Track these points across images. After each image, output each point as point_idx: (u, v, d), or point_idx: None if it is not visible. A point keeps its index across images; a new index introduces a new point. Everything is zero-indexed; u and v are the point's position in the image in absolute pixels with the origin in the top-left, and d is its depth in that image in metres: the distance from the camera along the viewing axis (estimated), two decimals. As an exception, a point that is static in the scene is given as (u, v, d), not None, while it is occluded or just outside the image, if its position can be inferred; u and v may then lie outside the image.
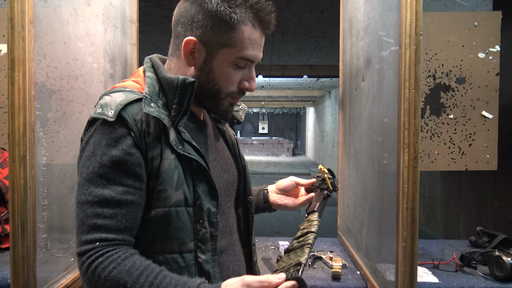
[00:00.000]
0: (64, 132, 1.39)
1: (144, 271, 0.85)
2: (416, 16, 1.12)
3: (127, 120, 0.88)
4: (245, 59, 0.94)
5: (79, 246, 0.86)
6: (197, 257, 0.94)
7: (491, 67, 2.00)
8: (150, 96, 0.91)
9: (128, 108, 0.89)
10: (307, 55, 6.53)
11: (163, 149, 0.90)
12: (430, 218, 4.84)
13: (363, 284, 1.53)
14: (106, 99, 0.90)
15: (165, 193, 0.90)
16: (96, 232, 0.85)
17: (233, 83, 0.96)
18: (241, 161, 1.14)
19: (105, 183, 0.86)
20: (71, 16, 1.40)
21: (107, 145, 0.86)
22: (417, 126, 1.14)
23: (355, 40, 1.80)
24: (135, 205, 0.88)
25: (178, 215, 0.91)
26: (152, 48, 6.05)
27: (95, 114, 0.89)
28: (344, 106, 2.07)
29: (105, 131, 0.87)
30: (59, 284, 1.36)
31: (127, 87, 0.96)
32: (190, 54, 0.94)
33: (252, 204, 1.16)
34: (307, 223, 1.13)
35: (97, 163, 0.86)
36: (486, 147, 2.00)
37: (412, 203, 1.15)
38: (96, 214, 0.85)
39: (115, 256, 0.85)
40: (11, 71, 1.11)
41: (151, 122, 0.90)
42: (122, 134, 0.87)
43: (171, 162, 0.91)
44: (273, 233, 5.28)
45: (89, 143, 0.88)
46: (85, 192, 0.86)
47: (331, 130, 12.17)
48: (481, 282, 1.52)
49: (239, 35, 0.91)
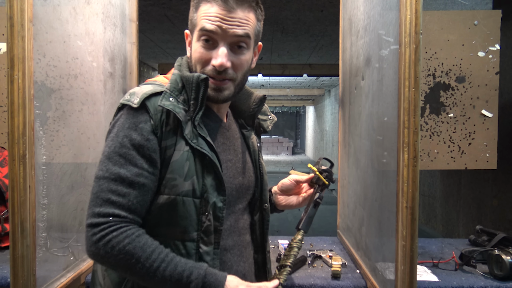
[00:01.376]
0: (64, 131, 1.39)
1: (155, 249, 0.91)
2: (416, 15, 1.12)
3: (149, 109, 0.95)
4: (202, 30, 0.98)
5: (91, 218, 0.91)
6: (199, 247, 0.99)
7: (490, 66, 2.00)
8: (170, 91, 0.98)
9: (152, 99, 0.97)
10: (306, 54, 6.53)
11: (177, 140, 0.97)
12: (430, 217, 4.84)
13: (362, 283, 1.53)
14: (136, 89, 0.99)
15: (174, 182, 0.96)
16: (109, 207, 0.91)
17: (203, 59, 0.99)
18: (260, 168, 1.18)
19: (122, 162, 0.93)
20: (70, 15, 1.40)
21: (129, 128, 0.94)
22: (417, 125, 1.14)
23: (355, 39, 1.80)
24: (146, 189, 0.94)
25: (184, 204, 0.96)
26: (151, 47, 6.05)
27: (123, 101, 0.98)
28: (344, 105, 2.07)
29: (129, 116, 0.96)
30: (58, 283, 1.36)
31: (157, 81, 1.05)
32: (189, 45, 1.06)
33: (268, 212, 1.19)
34: (289, 249, 1.14)
35: (118, 143, 0.94)
36: (486, 146, 2.00)
37: (411, 202, 1.15)
38: (111, 190, 0.91)
39: (129, 232, 0.91)
40: (10, 70, 1.11)
41: (171, 114, 0.97)
42: (143, 120, 0.95)
43: (183, 153, 0.96)
44: (273, 232, 5.28)
45: (115, 126, 0.97)
46: (103, 169, 0.93)
47: (330, 129, 12.17)
48: (480, 281, 1.52)
49: (199, 13, 0.99)
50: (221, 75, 0.99)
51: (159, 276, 0.90)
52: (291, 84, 11.13)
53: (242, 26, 0.97)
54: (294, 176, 1.32)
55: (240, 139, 1.14)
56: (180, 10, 4.19)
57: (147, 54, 6.75)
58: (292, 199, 1.32)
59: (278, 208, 1.33)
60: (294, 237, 1.17)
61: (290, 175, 1.34)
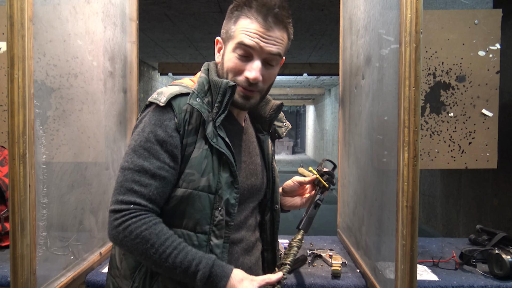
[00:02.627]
0: (64, 130, 1.38)
1: (170, 237, 0.99)
2: (416, 14, 1.12)
3: (174, 108, 1.02)
4: (241, 45, 1.03)
5: (115, 204, 0.99)
6: (210, 240, 1.05)
7: (491, 65, 1.99)
8: (197, 92, 1.05)
9: (177, 99, 1.04)
10: (307, 53, 6.52)
11: (198, 139, 1.04)
12: (430, 216, 4.84)
13: (362, 282, 1.53)
14: (163, 89, 1.06)
15: (192, 177, 1.03)
16: (131, 196, 0.98)
17: (236, 69, 1.06)
18: (272, 171, 1.25)
19: (147, 155, 1.00)
20: (70, 14, 1.40)
21: (155, 124, 1.01)
22: (417, 124, 1.14)
23: (355, 38, 1.80)
24: (167, 181, 1.02)
25: (200, 199, 1.03)
26: (151, 46, 6.04)
27: (151, 99, 1.05)
28: (344, 104, 2.07)
29: (155, 113, 1.03)
30: (59, 282, 1.36)
31: (183, 83, 1.12)
32: (218, 51, 1.12)
33: (278, 212, 1.26)
34: (289, 248, 1.17)
35: (144, 138, 1.01)
36: (486, 145, 2.00)
37: (412, 201, 1.15)
38: (135, 180, 0.99)
39: (147, 219, 0.98)
40: (10, 69, 1.11)
41: (194, 114, 1.04)
42: (168, 118, 1.02)
43: (203, 151, 1.03)
44: (273, 231, 5.27)
45: (142, 121, 1.04)
46: (128, 160, 1.01)
47: (331, 128, 12.17)
48: (480, 280, 1.52)
49: (238, 27, 1.05)
50: (252, 86, 1.06)
51: (170, 262, 0.97)
52: (291, 83, 11.13)
53: (277, 45, 1.05)
54: (297, 178, 1.36)
55: (255, 143, 1.22)
56: (180, 9, 4.19)
57: (147, 53, 6.75)
58: (296, 200, 1.36)
59: (284, 208, 1.38)
60: (295, 236, 1.20)
61: (294, 177, 1.36)
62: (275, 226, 1.27)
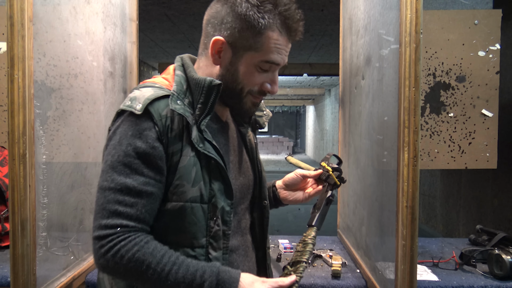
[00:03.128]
0: (64, 130, 1.39)
1: (165, 253, 0.90)
2: (416, 14, 1.12)
3: (153, 115, 0.92)
4: (269, 63, 0.97)
5: (98, 230, 0.88)
6: (208, 253, 0.98)
7: (491, 65, 1.99)
8: (177, 94, 0.95)
9: (155, 104, 0.93)
10: (307, 53, 6.52)
11: (183, 145, 0.94)
12: (430, 217, 4.84)
13: (362, 282, 1.53)
14: (136, 93, 0.95)
15: (182, 188, 0.94)
16: (117, 218, 0.88)
17: (255, 84, 0.99)
18: (258, 165, 1.16)
19: (128, 172, 0.90)
20: (70, 14, 1.40)
21: (133, 136, 0.91)
22: (417, 124, 1.14)
23: (355, 38, 1.80)
24: (154, 197, 0.93)
25: (192, 211, 0.95)
26: (151, 46, 6.04)
27: (124, 106, 0.93)
28: (344, 105, 2.07)
29: (131, 123, 0.92)
30: (59, 282, 1.36)
31: (157, 83, 1.00)
32: (217, 53, 0.98)
33: (267, 208, 1.17)
34: (303, 245, 1.10)
35: (122, 152, 0.90)
36: (486, 145, 2.00)
37: (412, 202, 1.15)
38: (118, 201, 0.89)
39: (137, 239, 0.89)
40: (10, 69, 1.11)
41: (175, 119, 0.94)
42: (147, 127, 0.91)
43: (190, 158, 0.95)
44: (273, 231, 5.28)
45: (116, 133, 0.93)
46: (108, 179, 0.90)
47: (331, 128, 12.17)
48: (480, 280, 1.52)
49: (265, 40, 0.95)
50: (263, 95, 1.02)
51: (171, 279, 0.89)
52: (291, 83, 11.13)
53: (287, 56, 1.01)
54: (300, 171, 1.30)
55: (239, 138, 1.13)
56: (180, 9, 4.19)
57: (147, 54, 6.75)
58: (298, 194, 1.30)
59: (284, 203, 1.31)
60: (307, 233, 1.14)
61: (296, 170, 1.31)
62: (265, 223, 1.18)
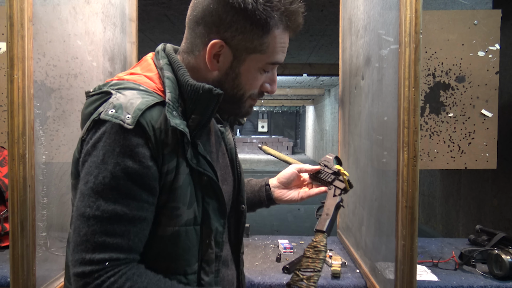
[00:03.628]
0: (64, 131, 1.38)
1: (162, 286, 0.79)
2: (416, 15, 1.12)
3: (146, 128, 0.77)
4: (274, 64, 0.88)
5: (81, 266, 0.74)
6: (201, 279, 0.88)
7: (490, 65, 2.00)
8: (172, 103, 0.80)
9: (146, 114, 0.77)
10: (306, 53, 6.52)
11: (179, 162, 0.82)
12: (430, 217, 4.84)
13: (362, 282, 1.53)
14: (120, 99, 0.79)
15: (178, 211, 0.82)
16: (104, 252, 0.75)
17: (257, 87, 0.89)
18: (237, 167, 1.05)
19: (117, 197, 0.75)
20: (70, 14, 1.40)
21: (121, 153, 0.75)
22: (417, 124, 1.14)
23: (354, 39, 1.80)
24: (147, 222, 0.80)
25: (187, 235, 0.84)
26: (151, 46, 6.04)
27: (106, 116, 0.76)
28: (343, 105, 2.07)
29: (118, 137, 0.76)
30: (58, 282, 1.36)
31: (141, 84, 0.85)
32: (214, 57, 0.84)
33: (245, 214, 1.06)
34: (314, 251, 1.01)
35: (109, 173, 0.75)
36: (486, 145, 2.00)
37: (411, 202, 1.15)
38: (106, 231, 0.75)
39: (129, 273, 0.76)
40: (10, 70, 1.11)
41: (169, 131, 0.80)
42: (139, 143, 0.76)
43: (185, 177, 0.83)
44: (273, 232, 5.27)
45: (97, 147, 0.76)
46: (91, 205, 0.75)
47: (330, 128, 12.17)
48: (480, 281, 1.52)
49: (271, 39, 0.83)
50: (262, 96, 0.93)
51: None
52: (291, 83, 11.12)
53: None
54: (296, 165, 1.24)
55: (219, 139, 1.02)
56: (179, 9, 4.19)
57: (147, 54, 6.75)
58: (293, 194, 1.21)
59: (277, 202, 1.23)
60: (319, 239, 1.05)
61: (291, 165, 1.25)
62: (241, 229, 1.05)
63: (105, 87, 0.85)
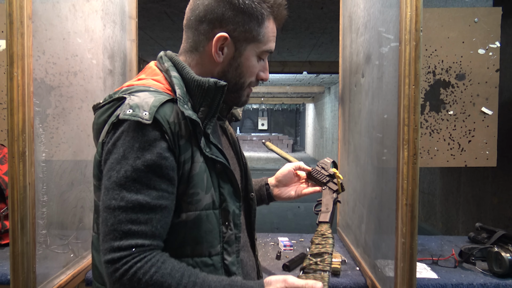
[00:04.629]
0: (64, 128, 1.38)
1: (185, 273, 0.85)
2: (416, 12, 1.12)
3: (161, 123, 0.85)
4: (268, 52, 0.98)
5: (111, 253, 0.81)
6: (224, 259, 0.95)
7: (491, 63, 1.99)
8: (183, 98, 0.89)
9: (160, 110, 0.86)
10: (306, 51, 6.52)
11: (193, 151, 0.90)
12: (429, 214, 4.85)
13: (362, 280, 1.53)
14: (135, 100, 0.86)
15: (197, 197, 0.90)
16: (131, 238, 0.82)
17: (255, 74, 1.00)
18: (242, 158, 1.14)
19: (138, 187, 0.83)
20: (70, 12, 1.39)
21: (141, 148, 0.83)
22: (417, 122, 1.14)
23: (354, 36, 1.80)
24: (168, 210, 0.87)
25: (208, 218, 0.92)
26: (151, 44, 6.04)
27: (125, 116, 0.84)
28: (343, 103, 2.07)
29: (136, 133, 0.83)
30: (58, 280, 1.36)
31: (150, 86, 0.93)
32: (220, 50, 0.94)
33: (254, 201, 1.15)
34: (322, 238, 1.08)
35: (130, 167, 0.83)
36: (486, 143, 2.00)
37: (411, 199, 1.15)
38: (131, 220, 0.82)
39: (154, 260, 0.83)
40: (10, 67, 1.11)
41: (182, 124, 0.88)
42: (156, 137, 0.84)
43: (201, 165, 0.91)
44: (273, 229, 5.28)
45: (117, 145, 0.84)
46: (116, 197, 0.83)
47: (330, 126, 12.17)
48: (480, 278, 1.53)
49: (265, 29, 0.96)
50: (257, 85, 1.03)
51: None
52: (291, 81, 11.12)
53: None
54: (292, 164, 1.31)
55: (222, 133, 1.11)
56: (179, 7, 4.19)
57: (147, 51, 6.74)
58: (291, 192, 1.29)
59: (277, 199, 1.31)
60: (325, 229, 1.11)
61: (286, 164, 1.32)
62: (252, 215, 1.14)
63: (116, 94, 0.92)
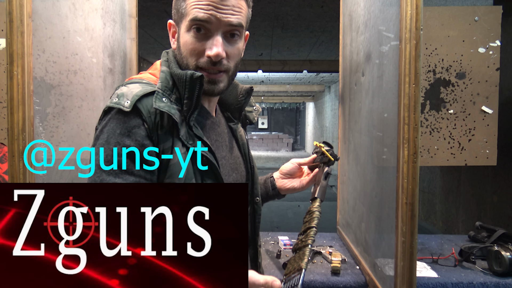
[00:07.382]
0: (64, 127, 1.38)
1: None
2: (416, 11, 1.12)
3: (142, 111, 0.89)
4: (194, 20, 0.91)
5: None
6: None
7: (491, 62, 1.99)
8: (162, 91, 0.93)
9: (143, 100, 0.90)
10: (306, 50, 6.51)
11: (174, 142, 0.92)
12: (429, 213, 4.85)
13: (362, 279, 1.53)
14: (123, 90, 0.92)
15: None
16: None
17: (195, 50, 0.94)
18: (250, 161, 1.14)
19: (117, 172, 0.87)
20: (70, 11, 1.39)
21: (121, 134, 0.88)
22: (417, 121, 1.14)
23: (355, 35, 1.79)
24: None
25: None
26: (151, 42, 6.03)
27: (111, 104, 0.90)
28: (343, 101, 2.07)
29: (119, 120, 0.89)
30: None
31: (144, 79, 0.98)
32: (173, 36, 1.00)
33: (260, 205, 1.15)
34: (308, 215, 1.12)
35: (110, 151, 0.87)
36: (486, 142, 2.00)
37: (411, 198, 1.15)
38: None
39: None
40: (10, 66, 1.11)
41: (165, 115, 0.91)
42: (136, 124, 0.89)
43: (181, 156, 0.92)
44: (273, 228, 5.29)
45: (104, 131, 0.89)
46: (96, 179, 0.87)
47: (330, 125, 12.17)
48: (479, 277, 1.53)
49: (188, 2, 0.93)
50: (216, 66, 0.94)
51: None
52: (291, 80, 11.11)
53: (236, 14, 0.93)
54: (296, 159, 1.32)
55: (229, 134, 1.11)
56: (179, 5, 4.18)
57: (147, 50, 6.74)
58: (295, 182, 1.30)
59: (281, 192, 1.31)
60: (312, 205, 1.15)
61: (292, 159, 1.33)
62: (257, 220, 1.15)
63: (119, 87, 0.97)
